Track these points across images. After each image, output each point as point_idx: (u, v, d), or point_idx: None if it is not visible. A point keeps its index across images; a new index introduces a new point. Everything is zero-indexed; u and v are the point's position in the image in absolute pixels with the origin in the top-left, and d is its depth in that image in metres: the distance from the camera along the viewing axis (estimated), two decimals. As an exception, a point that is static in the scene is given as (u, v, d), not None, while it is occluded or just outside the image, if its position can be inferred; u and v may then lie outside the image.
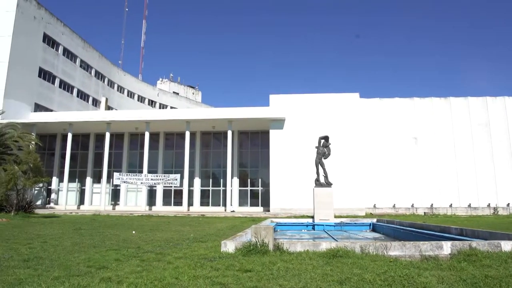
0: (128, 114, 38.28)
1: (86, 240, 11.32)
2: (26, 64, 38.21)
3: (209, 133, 38.67)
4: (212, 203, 37.52)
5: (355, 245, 8.19)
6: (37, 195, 37.10)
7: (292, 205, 31.01)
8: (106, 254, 8.44)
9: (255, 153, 38.02)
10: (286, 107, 34.12)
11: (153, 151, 37.10)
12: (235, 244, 8.50)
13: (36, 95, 39.62)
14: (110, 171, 35.98)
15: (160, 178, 34.06)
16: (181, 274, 6.07)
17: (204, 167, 38.53)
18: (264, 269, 6.48)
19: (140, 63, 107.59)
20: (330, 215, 16.99)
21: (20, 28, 37.36)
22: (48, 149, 39.23)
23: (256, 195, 37.28)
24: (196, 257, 7.85)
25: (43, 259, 7.69)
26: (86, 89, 48.88)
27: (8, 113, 33.85)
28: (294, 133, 33.32)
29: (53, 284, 5.43)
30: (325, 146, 18.57)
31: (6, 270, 6.45)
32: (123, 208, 36.53)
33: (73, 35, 46.40)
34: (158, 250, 9.14)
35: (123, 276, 6.01)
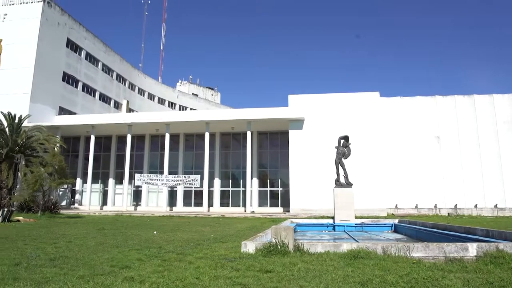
0: (149, 116, 38.88)
1: (109, 240, 11.54)
2: (51, 69, 39.32)
3: (228, 134, 38.85)
4: (232, 203, 37.66)
5: (376, 246, 8.07)
6: (62, 196, 38.05)
7: (312, 206, 30.82)
8: (128, 254, 8.58)
9: (275, 154, 37.97)
10: (305, 107, 33.94)
11: (174, 153, 37.53)
12: (255, 244, 8.50)
13: (60, 98, 40.71)
14: (131, 172, 36.60)
15: (180, 179, 34.44)
16: (202, 274, 6.11)
17: (224, 168, 38.72)
18: (284, 269, 6.46)
19: (160, 65, 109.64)
20: (351, 216, 16.80)
21: (44, 34, 38.47)
22: (72, 151, 40.21)
23: (275, 196, 37.22)
24: (216, 258, 7.89)
25: (69, 258, 7.88)
26: (108, 92, 49.91)
27: (34, 117, 34.86)
28: (313, 133, 33.11)
29: (78, 283, 5.56)
30: (345, 146, 18.39)
31: (34, 269, 6.64)
32: (144, 209, 37.09)
33: (95, 40, 47.45)
34: (179, 250, 9.23)
35: (145, 275, 6.10)
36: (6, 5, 39.59)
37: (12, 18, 39.04)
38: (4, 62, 37.97)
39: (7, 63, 37.82)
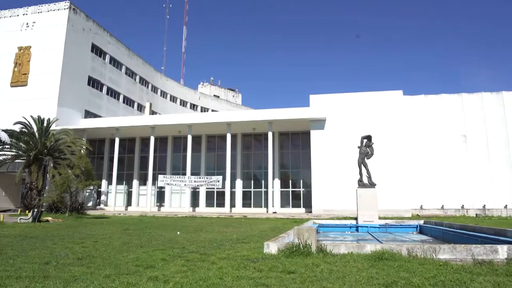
0: (171, 118, 39.39)
1: (134, 240, 11.76)
2: (77, 74, 40.43)
3: (250, 134, 38.93)
4: (254, 204, 37.71)
5: (401, 248, 7.92)
6: (88, 197, 39.02)
7: (334, 206, 30.51)
8: (153, 254, 8.72)
9: (296, 154, 37.80)
10: (327, 107, 33.64)
11: (196, 154, 37.90)
12: (277, 245, 8.49)
13: (86, 102, 41.81)
14: (155, 174, 37.17)
15: (202, 180, 34.75)
16: (225, 275, 6.15)
17: (246, 169, 38.82)
18: (307, 271, 6.42)
19: (181, 68, 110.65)
20: (374, 217, 16.56)
21: (70, 40, 39.61)
22: (98, 153, 41.19)
23: (297, 196, 37.05)
24: (239, 258, 7.92)
25: (95, 257, 8.07)
26: (131, 95, 50.91)
27: (61, 120, 35.93)
28: (335, 133, 32.79)
29: (105, 282, 5.69)
30: (367, 145, 18.15)
31: (62, 268, 6.84)
32: (167, 210, 37.60)
33: (119, 44, 48.50)
34: (202, 250, 9.31)
35: (169, 275, 6.18)
36: (35, 13, 40.97)
37: (40, 26, 40.36)
38: (33, 68, 39.28)
39: (36, 69, 39.12)
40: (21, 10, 41.66)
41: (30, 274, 6.22)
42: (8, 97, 38.94)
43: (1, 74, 39.92)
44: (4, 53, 40.48)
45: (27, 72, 39.30)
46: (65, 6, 40.02)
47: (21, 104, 37.34)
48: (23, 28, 40.93)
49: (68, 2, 40.12)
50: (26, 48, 39.99)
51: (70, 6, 40.04)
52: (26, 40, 40.28)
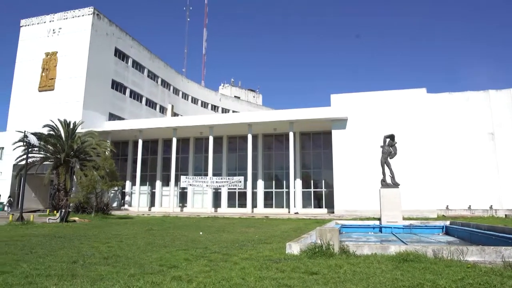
0: (193, 119, 39.78)
1: (157, 240, 11.94)
2: (101, 77, 41.40)
3: (271, 135, 38.90)
4: (275, 205, 37.65)
5: (427, 249, 7.76)
6: (113, 198, 39.84)
7: (357, 207, 30.12)
8: (176, 253, 8.83)
9: (318, 154, 37.52)
10: (348, 107, 33.25)
11: (217, 155, 38.14)
12: (300, 246, 8.46)
13: (110, 105, 42.75)
14: (177, 175, 37.61)
15: (224, 181, 34.94)
16: (247, 275, 6.17)
17: (267, 169, 38.80)
18: (330, 272, 6.37)
19: (202, 70, 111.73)
20: (398, 217, 16.26)
21: (94, 44, 40.61)
22: (122, 154, 42.02)
23: (319, 197, 36.76)
24: (261, 258, 7.93)
25: (120, 257, 8.24)
26: (154, 97, 51.73)
27: (87, 123, 36.87)
28: (357, 133, 32.37)
29: (130, 281, 5.80)
30: (390, 145, 17.84)
31: (89, 267, 7.02)
32: (190, 210, 37.99)
33: (141, 48, 49.37)
34: (225, 250, 9.37)
35: (192, 275, 6.25)
36: (61, 20, 42.20)
37: (66, 32, 41.55)
38: (60, 73, 40.47)
39: (62, 74, 40.29)
40: (47, 17, 43.00)
41: (59, 272, 6.41)
42: (37, 102, 40.27)
43: (30, 80, 41.34)
44: (32, 59, 41.89)
45: (54, 77, 40.52)
46: (89, 12, 41.06)
47: (48, 108, 38.56)
48: (50, 34, 42.22)
49: (92, 8, 41.15)
50: (53, 53, 41.23)
51: (94, 12, 41.05)
52: (52, 46, 41.54)
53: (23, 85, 41.76)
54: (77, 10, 41.73)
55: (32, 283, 5.62)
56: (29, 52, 42.48)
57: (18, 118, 40.19)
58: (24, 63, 42.51)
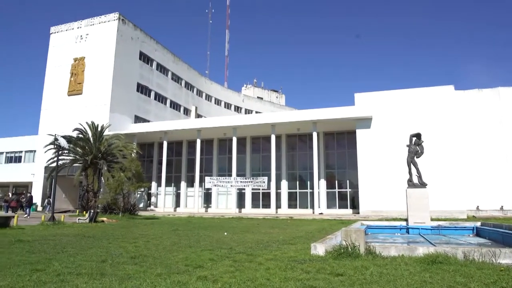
0: (216, 121, 40.09)
1: (183, 240, 12.09)
2: (126, 81, 42.34)
3: (294, 135, 38.74)
4: (299, 205, 37.46)
5: (456, 251, 7.54)
6: (139, 199, 40.65)
7: (383, 207, 29.60)
8: (201, 254, 8.92)
9: (342, 154, 37.08)
10: (373, 105, 32.71)
11: (241, 155, 38.29)
12: (325, 247, 8.39)
13: (136, 107, 43.66)
14: (202, 176, 37.99)
15: (248, 181, 35.03)
16: (272, 276, 6.16)
17: (291, 170, 38.66)
18: (356, 273, 6.29)
19: (225, 71, 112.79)
20: (426, 218, 15.86)
21: (120, 49, 41.58)
22: (147, 156, 42.81)
23: (344, 197, 36.32)
24: (286, 259, 7.91)
25: (147, 257, 8.40)
26: (178, 99, 52.46)
27: (113, 126, 37.76)
28: (382, 132, 31.81)
29: (157, 280, 5.90)
30: (417, 144, 17.42)
31: (117, 266, 7.19)
32: (214, 211, 38.30)
33: (164, 51, 50.18)
34: (249, 251, 9.39)
35: (217, 275, 6.30)
36: (88, 26, 43.46)
37: (93, 37, 42.74)
38: (87, 77, 41.66)
39: (90, 78, 41.46)
40: (75, 24, 44.33)
41: (88, 271, 6.59)
42: (66, 106, 41.60)
43: (60, 84, 42.75)
44: (61, 64, 43.31)
45: (82, 81, 41.73)
46: (114, 17, 42.08)
47: (77, 111, 39.75)
48: (78, 40, 43.52)
49: (117, 13, 42.14)
50: (80, 59, 42.48)
51: (119, 17, 42.03)
52: (80, 51, 42.81)
53: (53, 90, 43.24)
54: (103, 16, 42.84)
55: (64, 281, 5.80)
56: (58, 58, 43.95)
57: (49, 122, 41.64)
58: (54, 68, 44.00)
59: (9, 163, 48.42)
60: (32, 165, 43.61)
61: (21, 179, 44.99)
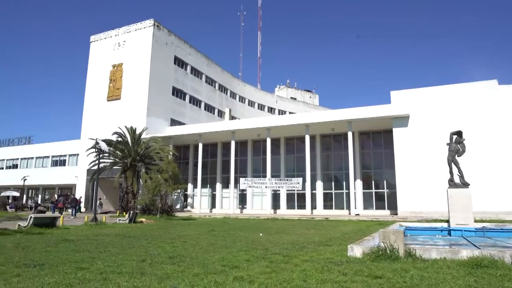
0: (250, 122, 40.29)
1: (219, 241, 12.24)
2: (162, 85, 43.46)
3: (328, 135, 38.27)
4: (335, 206, 36.93)
5: (504, 254, 7.17)
6: (176, 200, 41.53)
7: (422, 208, 28.61)
8: (237, 254, 8.99)
9: (378, 154, 36.22)
10: (410, 103, 31.70)
11: (275, 156, 38.26)
12: (362, 248, 8.23)
13: (171, 111, 44.70)
14: (236, 177, 38.28)
15: (283, 182, 34.93)
16: (308, 277, 6.12)
17: (326, 170, 38.20)
18: (395, 276, 6.12)
19: (258, 72, 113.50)
20: (469, 219, 15.18)
21: (156, 54, 42.74)
22: (183, 158, 43.69)
23: (381, 198, 35.43)
24: (322, 261, 7.82)
25: (185, 257, 8.56)
26: (212, 102, 53.21)
27: (150, 129, 38.85)
28: (420, 130, 30.76)
29: (194, 280, 6.01)
30: (458, 142, 16.72)
31: (156, 265, 7.39)
32: (249, 212, 38.48)
33: (198, 54, 51.07)
34: (285, 252, 9.37)
35: (253, 276, 6.32)
36: (125, 33, 45.00)
37: (130, 44, 44.19)
38: (125, 82, 43.11)
39: (127, 84, 42.89)
40: (113, 32, 46.01)
41: (129, 270, 6.81)
42: (106, 111, 43.25)
43: (100, 91, 44.54)
44: (101, 71, 45.09)
45: (120, 87, 43.24)
46: (149, 24, 43.30)
47: (116, 116, 41.22)
48: (116, 47, 45.14)
49: (152, 20, 43.34)
50: (118, 65, 44.03)
51: (154, 23, 43.22)
52: (118, 58, 44.38)
53: (93, 96, 45.10)
54: (139, 23, 44.19)
55: (106, 279, 6.02)
56: (98, 65, 45.79)
57: (90, 127, 43.43)
58: (94, 75, 45.89)
59: (55, 166, 50.97)
60: (75, 168, 45.65)
61: (66, 181, 47.24)
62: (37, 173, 50.62)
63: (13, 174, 52.57)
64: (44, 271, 6.63)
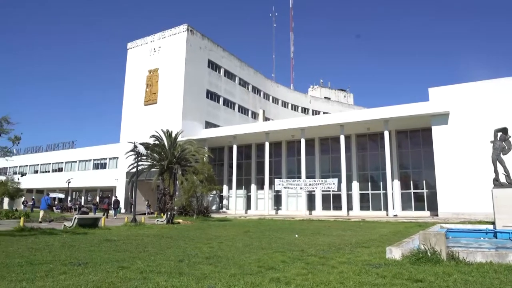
0: (284, 123, 40.21)
1: (254, 242, 12.27)
2: (197, 89, 44.25)
3: (364, 135, 37.53)
4: (372, 207, 36.13)
5: (557, 258, 6.74)
6: (212, 201, 42.10)
7: (465, 209, 27.43)
8: (273, 255, 8.98)
9: (416, 153, 35.08)
10: (449, 100, 30.49)
11: (310, 157, 37.95)
12: (401, 250, 8.00)
13: (206, 113, 45.41)
14: (271, 178, 38.31)
15: (317, 183, 34.58)
16: (346, 279, 6.01)
17: (362, 170, 37.47)
18: (437, 280, 5.90)
19: (290, 73, 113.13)
20: (517, 221, 14.35)
21: (190, 58, 43.59)
22: (218, 160, 44.24)
23: (420, 198, 34.29)
24: (360, 263, 7.68)
25: (221, 257, 8.66)
26: (245, 103, 53.57)
27: (186, 132, 39.64)
28: (461, 128, 29.52)
29: (231, 280, 6.06)
30: (503, 139, 15.86)
31: (193, 266, 7.51)
32: (284, 213, 38.37)
33: (231, 57, 51.58)
34: (321, 254, 9.26)
35: (290, 277, 6.29)
36: (160, 39, 46.23)
37: (165, 49, 45.35)
38: (161, 87, 44.26)
39: (163, 88, 44.01)
40: (149, 38, 47.37)
41: (167, 270, 6.97)
42: (143, 115, 44.58)
43: (137, 96, 45.97)
44: (138, 77, 46.54)
45: (156, 91, 44.44)
46: (183, 29, 44.22)
47: (153, 119, 42.39)
48: (151, 53, 46.45)
49: (186, 25, 44.23)
50: (154, 70, 45.27)
51: (187, 28, 44.10)
52: (154, 63, 45.63)
53: (131, 101, 46.61)
54: (173, 28, 45.23)
55: (146, 279, 6.19)
56: (135, 70, 47.30)
57: (129, 130, 44.90)
58: (131, 81, 47.43)
59: (96, 169, 53.07)
60: (115, 171, 47.34)
61: (106, 183, 49.08)
62: (80, 176, 52.92)
63: (58, 177, 55.25)
64: (88, 270, 6.91)
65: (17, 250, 9.51)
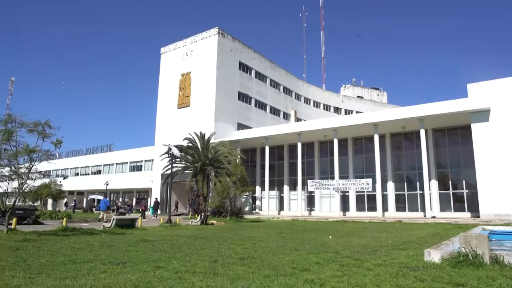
0: (316, 123, 39.81)
1: (288, 243, 12.24)
2: (228, 91, 44.67)
3: (399, 134, 36.53)
4: (408, 208, 35.08)
5: None
6: (245, 202, 42.28)
7: (508, 210, 26.11)
8: (307, 257, 8.92)
9: (455, 152, 33.74)
10: (490, 96, 29.12)
11: (343, 157, 37.37)
12: (440, 253, 7.73)
13: (238, 115, 45.74)
14: (304, 179, 38.03)
15: (351, 183, 33.99)
16: (382, 282, 5.88)
17: (397, 170, 36.48)
18: (480, 284, 5.66)
19: (322, 73, 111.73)
20: None
21: (221, 61, 44.08)
22: (250, 161, 44.41)
23: (460, 199, 32.94)
24: (396, 265, 7.49)
25: (255, 258, 8.69)
26: (277, 104, 53.51)
27: (218, 134, 40.10)
28: (504, 125, 28.11)
29: (265, 281, 6.07)
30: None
31: (227, 266, 7.59)
32: (318, 214, 37.98)
33: (262, 58, 51.70)
34: (356, 256, 9.11)
35: (324, 279, 6.23)
36: (192, 43, 47.04)
37: (196, 53, 46.10)
38: (193, 90, 45.01)
39: (196, 91, 44.74)
40: (181, 42, 48.33)
41: (202, 270, 7.08)
42: (176, 118, 45.51)
43: (170, 99, 47.00)
44: (171, 80, 47.58)
45: (189, 94, 45.24)
46: (214, 32, 44.79)
47: (186, 122, 43.20)
48: (184, 57, 47.35)
49: (217, 28, 44.77)
50: (187, 74, 46.12)
51: (218, 31, 44.62)
52: (186, 67, 46.49)
53: (165, 105, 47.70)
54: (205, 32, 45.89)
55: (182, 279, 6.32)
56: (168, 74, 48.38)
57: (163, 133, 45.96)
58: (165, 84, 48.53)
59: (133, 171, 54.69)
60: (150, 173, 48.57)
61: (142, 185, 50.44)
62: (117, 178, 54.68)
63: (97, 179, 57.35)
64: (127, 269, 7.14)
65: (61, 249, 9.97)
